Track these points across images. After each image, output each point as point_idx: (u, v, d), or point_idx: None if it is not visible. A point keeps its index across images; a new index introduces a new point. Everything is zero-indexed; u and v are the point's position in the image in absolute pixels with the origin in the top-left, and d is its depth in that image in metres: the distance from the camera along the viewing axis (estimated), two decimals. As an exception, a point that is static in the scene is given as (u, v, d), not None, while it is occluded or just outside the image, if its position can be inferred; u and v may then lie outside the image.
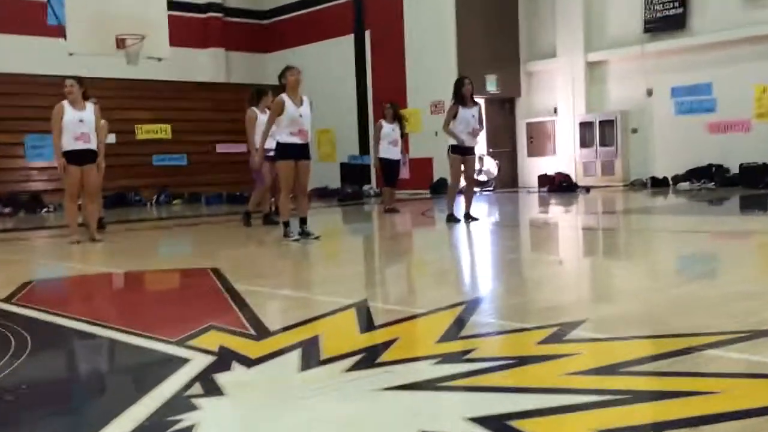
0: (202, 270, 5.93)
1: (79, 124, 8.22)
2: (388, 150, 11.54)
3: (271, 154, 9.72)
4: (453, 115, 9.10)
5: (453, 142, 9.17)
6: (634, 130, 17.51)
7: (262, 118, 9.75)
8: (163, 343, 3.39)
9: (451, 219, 9.32)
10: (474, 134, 9.18)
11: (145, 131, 18.47)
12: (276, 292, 4.89)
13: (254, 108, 9.82)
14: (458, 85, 9.24)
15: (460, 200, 9.89)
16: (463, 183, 9.66)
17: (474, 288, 4.92)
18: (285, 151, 7.71)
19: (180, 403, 2.51)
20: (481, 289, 4.80)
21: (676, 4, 16.54)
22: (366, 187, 18.78)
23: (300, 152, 7.76)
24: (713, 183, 15.62)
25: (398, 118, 11.72)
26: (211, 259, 6.82)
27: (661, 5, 16.71)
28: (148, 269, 6.41)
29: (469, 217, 9.29)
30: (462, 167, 9.30)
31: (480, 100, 18.17)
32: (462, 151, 9.17)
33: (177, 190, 18.83)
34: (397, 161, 11.68)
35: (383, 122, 11.64)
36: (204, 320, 3.79)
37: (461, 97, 9.12)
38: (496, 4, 18.74)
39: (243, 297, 4.48)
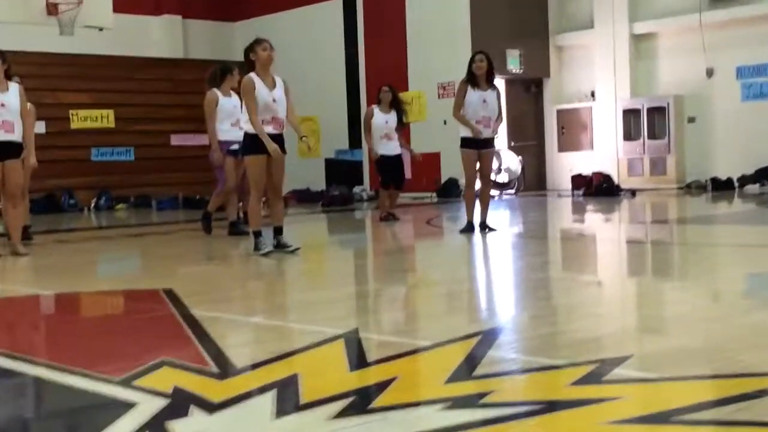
0: (152, 292, 5.91)
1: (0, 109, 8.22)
2: (381, 145, 11.46)
3: (235, 147, 9.74)
4: (463, 96, 9.12)
5: (464, 133, 9.17)
6: (691, 120, 17.56)
7: (225, 102, 9.75)
8: (103, 382, 3.38)
9: (467, 228, 9.29)
10: (486, 124, 9.15)
11: (81, 118, 18.47)
12: (244, 319, 4.88)
13: (216, 90, 9.84)
14: (470, 61, 9.27)
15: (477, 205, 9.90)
16: (478, 184, 9.66)
17: (492, 315, 4.92)
18: (255, 144, 7.71)
19: (124, 458, 2.50)
20: (501, 317, 4.80)
21: (744, -38, 16.61)
22: (357, 189, 18.79)
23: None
24: (789, 185, 15.69)
25: (397, 106, 11.61)
26: (164, 278, 6.81)
27: (724, -36, 16.78)
28: (84, 290, 6.39)
29: (485, 227, 9.28)
30: (477, 164, 9.29)
31: (499, 81, 18.39)
32: (476, 144, 9.17)
33: (121, 193, 18.82)
34: (397, 157, 11.60)
35: (376, 109, 11.51)
36: (155, 354, 3.78)
37: (472, 76, 9.14)
38: (520, -38, 18.80)
39: (203, 325, 4.46)
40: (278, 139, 7.79)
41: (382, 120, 11.44)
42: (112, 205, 18.49)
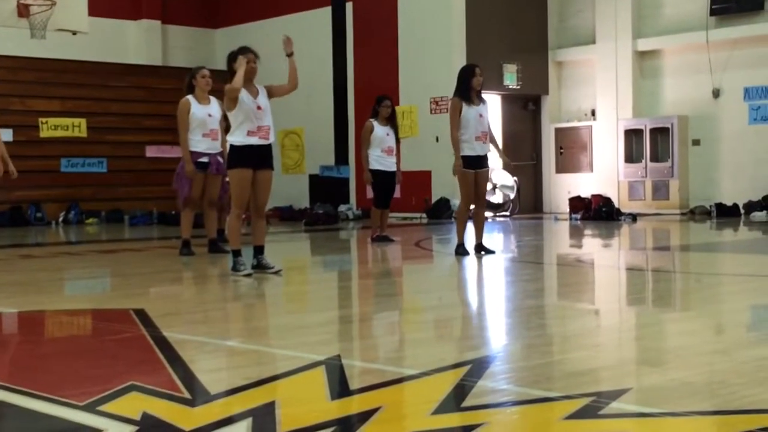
0: (122, 311, 5.89)
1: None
2: (382, 160, 11.43)
3: (203, 160, 9.69)
4: (459, 115, 9.15)
5: (464, 151, 9.18)
6: (696, 142, 17.66)
7: (198, 110, 9.60)
8: (67, 407, 3.36)
9: (461, 251, 9.31)
10: (484, 140, 9.23)
11: (51, 127, 18.40)
12: (220, 342, 4.86)
13: (190, 97, 9.71)
14: (466, 74, 9.27)
15: (470, 227, 9.91)
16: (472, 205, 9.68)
17: (483, 344, 4.91)
18: (240, 156, 7.70)
19: (87, 488, 2.48)
20: (492, 346, 4.80)
21: (753, -21, 16.77)
22: (343, 208, 18.79)
23: (260, 158, 7.75)
24: (798, 213, 15.77)
25: (393, 119, 11.64)
26: (135, 298, 6.78)
27: (732, -20, 16.94)
28: (49, 309, 6.35)
29: (481, 249, 9.31)
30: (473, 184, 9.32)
31: (495, 97, 18.52)
32: (474, 164, 9.21)
33: (92, 206, 18.76)
34: (393, 174, 11.59)
35: (375, 123, 11.47)
36: (123, 378, 3.77)
37: (467, 91, 9.17)
38: (519, -28, 18.94)
39: (175, 348, 4.45)
40: (264, 151, 7.79)
41: (384, 133, 11.40)
42: (81, 219, 18.43)
